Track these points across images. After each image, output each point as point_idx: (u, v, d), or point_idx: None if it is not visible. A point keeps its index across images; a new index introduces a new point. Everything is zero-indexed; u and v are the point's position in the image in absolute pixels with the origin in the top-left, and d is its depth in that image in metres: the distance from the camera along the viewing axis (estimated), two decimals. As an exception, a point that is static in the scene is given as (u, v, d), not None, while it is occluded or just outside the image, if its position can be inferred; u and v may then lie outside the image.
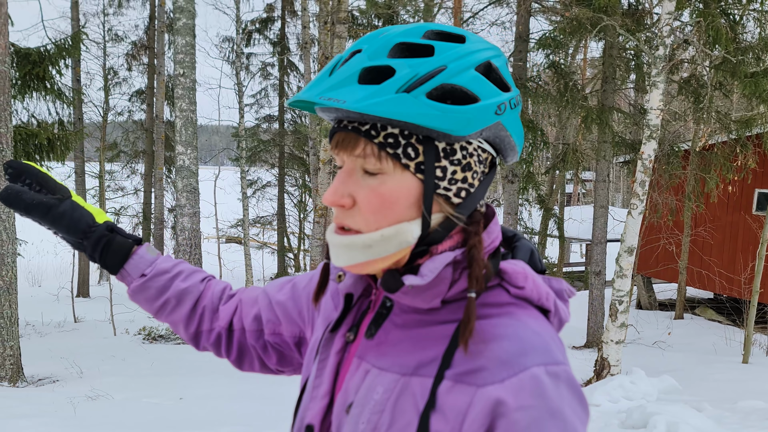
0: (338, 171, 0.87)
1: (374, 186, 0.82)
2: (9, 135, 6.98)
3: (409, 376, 0.83)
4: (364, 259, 0.84)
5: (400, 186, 0.83)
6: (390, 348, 0.87)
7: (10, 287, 7.01)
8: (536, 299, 0.85)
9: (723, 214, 11.70)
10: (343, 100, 0.78)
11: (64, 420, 5.49)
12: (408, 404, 0.81)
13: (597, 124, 9.25)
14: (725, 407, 6.04)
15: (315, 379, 0.94)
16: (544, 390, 0.75)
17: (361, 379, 0.87)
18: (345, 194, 0.83)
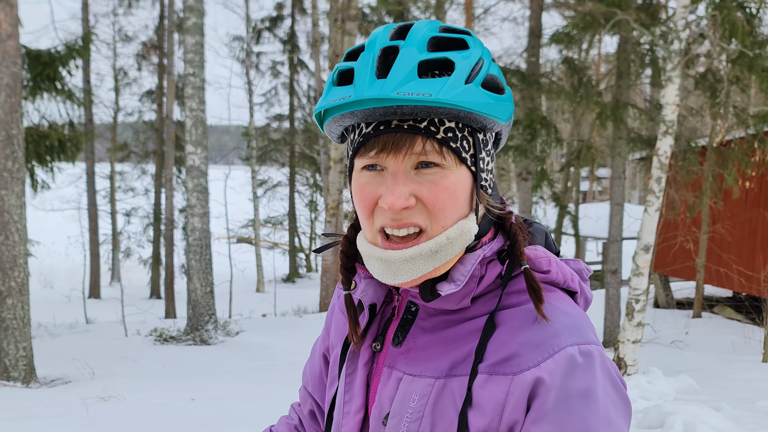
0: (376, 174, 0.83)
1: (436, 180, 0.81)
2: (21, 136, 6.96)
3: (444, 378, 0.83)
4: (429, 269, 0.82)
5: (459, 179, 0.82)
6: (420, 353, 0.86)
7: (22, 288, 6.99)
8: (562, 282, 0.87)
9: (741, 211, 11.53)
10: (428, 93, 0.76)
11: (77, 420, 5.47)
12: (447, 407, 0.81)
13: (612, 120, 9.13)
14: (744, 407, 5.94)
15: (345, 395, 0.92)
16: (576, 369, 0.76)
17: (394, 389, 0.86)
18: (407, 195, 0.81)
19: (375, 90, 0.77)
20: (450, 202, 0.81)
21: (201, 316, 9.80)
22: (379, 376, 0.89)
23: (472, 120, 0.82)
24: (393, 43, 0.81)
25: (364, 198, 0.83)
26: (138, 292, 18.60)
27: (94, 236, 18.42)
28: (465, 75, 0.79)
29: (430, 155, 0.80)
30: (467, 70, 0.80)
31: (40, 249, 16.99)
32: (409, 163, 0.81)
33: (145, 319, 12.73)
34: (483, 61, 0.82)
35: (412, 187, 0.81)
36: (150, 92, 19.83)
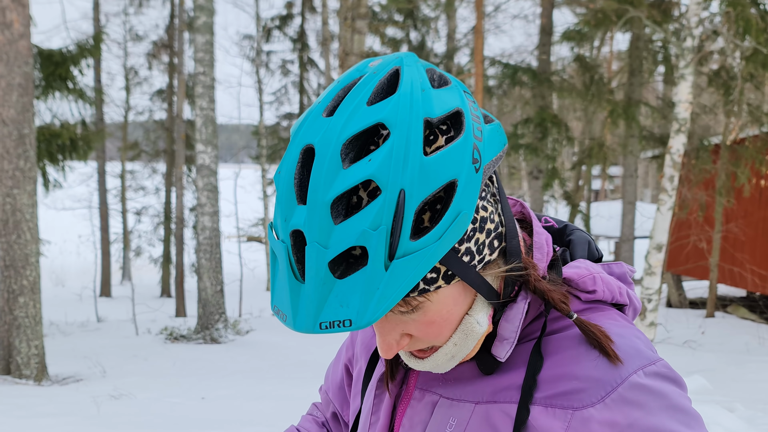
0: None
1: (417, 319, 0.72)
2: (32, 135, 6.99)
3: (485, 403, 0.77)
4: (455, 363, 0.78)
5: (442, 303, 0.72)
6: (458, 375, 0.81)
7: (33, 287, 7.03)
8: (610, 299, 0.80)
9: (755, 210, 11.42)
10: (348, 320, 0.64)
11: (88, 419, 5.49)
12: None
13: (623, 118, 9.07)
14: (758, 408, 5.87)
15: (372, 415, 0.87)
16: (650, 394, 0.70)
17: (428, 412, 0.81)
18: (397, 340, 0.74)
19: (300, 324, 0.65)
20: (442, 329, 0.74)
21: (211, 315, 9.82)
22: (408, 398, 0.85)
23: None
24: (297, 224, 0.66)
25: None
26: (148, 291, 18.69)
27: (105, 235, 18.52)
28: (383, 255, 0.63)
29: (396, 309, 0.72)
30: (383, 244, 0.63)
31: (51, 248, 17.11)
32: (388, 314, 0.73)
33: (155, 317, 12.78)
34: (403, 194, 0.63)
35: (399, 329, 0.74)
36: (160, 91, 19.90)
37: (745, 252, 11.52)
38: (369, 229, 0.62)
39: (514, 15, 18.45)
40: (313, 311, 0.65)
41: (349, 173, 0.63)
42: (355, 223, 0.63)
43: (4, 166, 6.83)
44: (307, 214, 0.64)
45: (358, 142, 0.65)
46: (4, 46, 6.74)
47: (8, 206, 6.86)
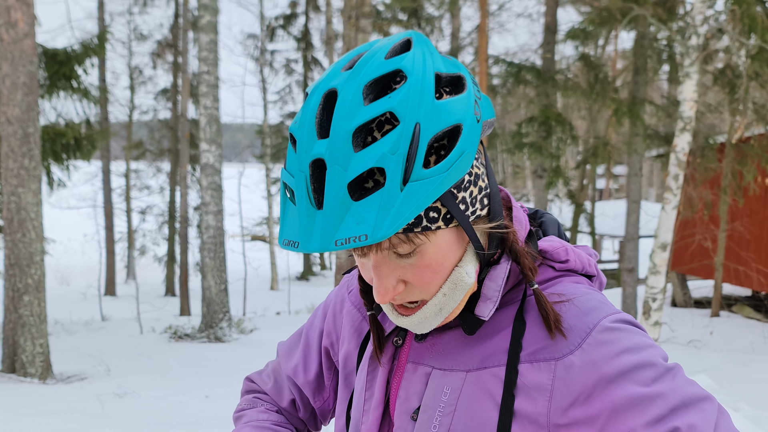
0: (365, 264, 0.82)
1: (415, 262, 0.79)
2: (37, 135, 7.01)
3: (476, 371, 0.83)
4: (441, 321, 0.83)
5: (438, 246, 0.79)
6: (446, 347, 0.87)
7: (38, 285, 7.05)
8: (581, 268, 0.89)
9: (761, 209, 11.37)
10: (364, 235, 0.70)
11: (92, 417, 5.51)
12: (481, 399, 0.82)
13: (628, 117, 9.04)
14: (763, 407, 5.85)
15: (366, 392, 0.91)
16: (620, 334, 0.78)
17: (422, 383, 0.86)
18: (394, 285, 0.80)
19: (315, 243, 0.71)
20: (436, 274, 0.80)
21: (215, 314, 9.84)
22: (401, 372, 0.90)
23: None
24: (318, 153, 0.72)
25: (366, 277, 0.84)
26: (153, 290, 18.73)
27: (109, 234, 18.56)
28: (399, 178, 0.70)
29: (399, 247, 0.77)
30: (400, 167, 0.70)
31: (56, 246, 17.16)
32: (386, 253, 0.79)
33: (159, 316, 12.80)
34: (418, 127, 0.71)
35: (396, 274, 0.79)
36: (165, 90, 19.93)
37: (750, 251, 11.47)
38: (388, 153, 0.70)
39: (518, 13, 18.42)
40: (329, 231, 0.71)
41: (371, 107, 0.72)
42: (375, 148, 0.70)
43: (8, 165, 6.85)
44: (329, 144, 0.72)
45: (377, 87, 0.73)
46: (9, 46, 6.76)
47: (13, 205, 6.88)
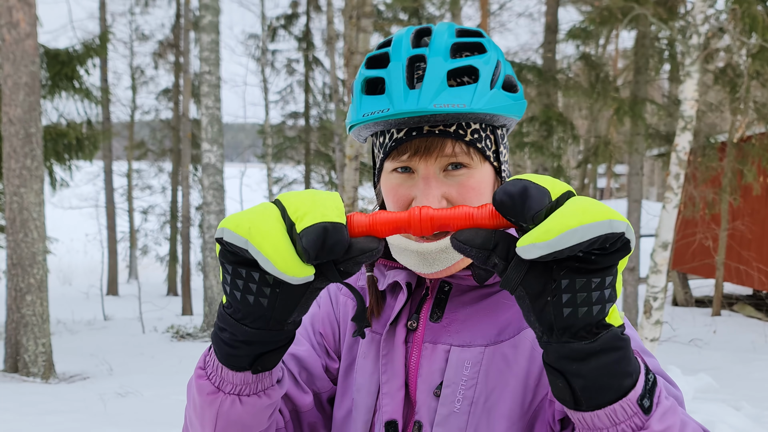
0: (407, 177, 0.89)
1: (463, 181, 0.88)
2: (39, 135, 7.03)
3: (493, 345, 0.89)
4: (459, 258, 0.88)
5: (484, 176, 0.89)
6: (461, 325, 0.92)
7: (41, 285, 7.07)
8: None
9: (762, 208, 11.36)
10: (462, 104, 0.82)
11: (95, 416, 5.52)
12: (502, 370, 0.87)
13: (629, 116, 9.03)
14: (764, 406, 5.87)
15: (383, 375, 0.93)
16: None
17: (443, 360, 0.90)
18: (439, 198, 0.86)
19: (412, 103, 0.82)
20: (476, 200, 0.88)
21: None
22: (417, 353, 0.93)
23: (495, 120, 0.89)
24: (418, 51, 0.87)
25: (398, 199, 0.89)
26: (155, 289, 18.75)
27: (111, 234, 18.59)
28: (489, 80, 0.85)
29: (460, 157, 0.87)
30: (490, 75, 0.85)
31: (58, 246, 17.17)
32: (438, 166, 0.87)
33: (162, 316, 12.82)
34: (500, 64, 0.88)
35: (442, 189, 0.87)
36: (166, 90, 19.94)
37: (751, 250, 11.46)
38: (481, 62, 0.86)
39: (519, 13, 18.44)
40: (427, 98, 0.82)
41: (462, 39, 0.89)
42: (469, 59, 0.86)
43: (11, 165, 6.87)
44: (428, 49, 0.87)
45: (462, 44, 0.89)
46: (11, 46, 6.77)
47: (15, 205, 6.90)
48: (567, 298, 0.66)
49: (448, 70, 0.84)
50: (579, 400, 0.70)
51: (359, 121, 0.87)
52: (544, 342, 0.70)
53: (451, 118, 0.84)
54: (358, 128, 0.92)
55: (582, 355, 0.67)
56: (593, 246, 0.63)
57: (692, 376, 6.52)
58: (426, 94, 0.82)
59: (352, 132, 0.95)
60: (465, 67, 0.85)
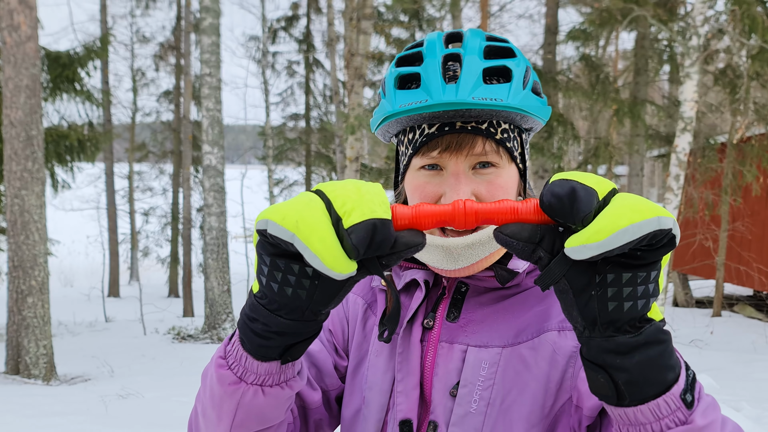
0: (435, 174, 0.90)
1: (491, 180, 0.89)
2: (40, 137, 7.04)
3: (510, 346, 0.89)
4: (486, 254, 0.89)
5: (510, 176, 0.91)
6: (479, 326, 0.91)
7: (42, 287, 7.08)
8: None
9: (762, 209, 11.36)
10: (500, 99, 0.84)
11: (96, 418, 5.53)
12: (519, 371, 0.87)
13: (629, 117, 9.05)
14: (764, 407, 5.85)
15: (398, 373, 0.92)
16: None
17: (460, 360, 0.90)
18: (469, 194, 0.87)
19: (450, 95, 0.83)
20: (502, 196, 0.88)
21: (218, 315, 9.87)
22: (433, 353, 0.92)
23: (524, 122, 0.90)
24: (453, 50, 0.89)
25: (425, 196, 0.89)
26: (156, 291, 18.76)
27: (113, 235, 18.61)
28: (521, 81, 0.87)
29: (489, 155, 0.88)
30: (521, 76, 0.88)
31: (60, 248, 17.19)
32: (468, 163, 0.88)
33: (163, 317, 12.84)
34: (529, 69, 0.91)
35: (471, 187, 0.88)
36: (167, 93, 19.97)
37: (751, 251, 11.46)
38: (513, 64, 0.88)
39: (519, 15, 18.45)
40: (466, 91, 0.84)
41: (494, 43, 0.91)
42: (503, 60, 0.88)
43: (12, 168, 6.89)
44: (464, 48, 0.89)
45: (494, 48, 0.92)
46: (12, 49, 6.79)
47: (16, 207, 6.91)
48: (612, 293, 0.65)
49: (484, 68, 0.86)
50: (622, 395, 0.69)
51: (396, 112, 0.87)
52: (586, 337, 0.69)
53: (485, 114, 0.86)
54: (386, 125, 0.92)
55: (627, 348, 0.67)
56: (642, 243, 0.63)
57: (693, 377, 6.51)
58: (464, 87, 0.83)
59: (379, 129, 0.95)
60: (499, 67, 0.87)
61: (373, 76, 14.75)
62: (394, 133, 0.96)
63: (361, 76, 9.80)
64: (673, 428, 0.69)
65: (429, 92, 0.84)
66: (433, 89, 0.84)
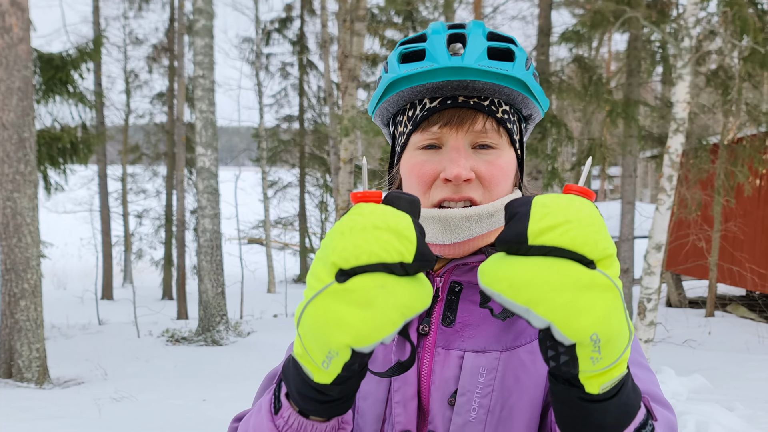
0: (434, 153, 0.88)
1: (491, 160, 0.88)
2: (33, 139, 7.02)
3: (509, 350, 0.85)
4: (483, 231, 0.87)
5: (510, 160, 0.90)
6: (475, 330, 0.87)
7: (35, 290, 7.05)
8: None
9: (754, 209, 11.42)
10: (505, 69, 0.84)
11: (89, 421, 5.51)
12: (519, 377, 0.84)
13: (622, 118, 9.07)
14: (758, 406, 5.88)
15: (393, 383, 0.87)
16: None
17: (457, 367, 0.85)
18: (468, 169, 0.86)
19: (456, 61, 0.84)
20: (503, 180, 0.88)
21: (212, 317, 9.84)
22: (429, 360, 0.87)
23: (525, 106, 0.91)
24: (458, 31, 0.90)
25: (423, 173, 0.88)
26: (150, 293, 18.71)
27: (106, 238, 18.54)
28: (524, 63, 0.87)
29: (490, 134, 0.88)
30: (524, 60, 0.88)
31: (53, 251, 17.12)
32: (468, 140, 0.87)
33: (157, 320, 12.79)
34: (530, 59, 0.91)
35: (472, 162, 0.87)
36: (161, 94, 19.93)
37: (744, 251, 11.52)
38: (516, 49, 0.88)
39: (512, 16, 18.53)
40: (474, 59, 0.84)
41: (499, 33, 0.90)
42: (506, 44, 0.88)
43: (4, 170, 6.86)
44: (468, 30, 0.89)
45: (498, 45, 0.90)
46: (4, 50, 6.77)
47: (9, 210, 6.88)
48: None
49: (488, 47, 0.87)
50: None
51: (401, 77, 0.86)
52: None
53: (488, 90, 0.86)
54: (386, 102, 0.91)
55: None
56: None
57: (686, 377, 6.54)
58: (470, 56, 0.84)
59: (378, 108, 0.93)
60: (502, 48, 0.88)
61: (366, 77, 14.76)
62: (393, 111, 0.94)
63: (355, 78, 9.80)
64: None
65: (435, 59, 0.85)
66: (439, 56, 0.85)
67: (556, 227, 0.58)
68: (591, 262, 0.59)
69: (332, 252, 0.61)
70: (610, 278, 0.59)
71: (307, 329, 0.63)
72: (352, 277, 0.60)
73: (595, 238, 0.59)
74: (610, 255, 0.60)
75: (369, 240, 0.60)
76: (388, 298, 0.60)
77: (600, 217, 0.61)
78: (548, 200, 0.61)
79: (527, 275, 0.59)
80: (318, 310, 0.61)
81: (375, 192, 0.66)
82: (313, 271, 0.63)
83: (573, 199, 0.61)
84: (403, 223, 0.61)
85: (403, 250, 0.60)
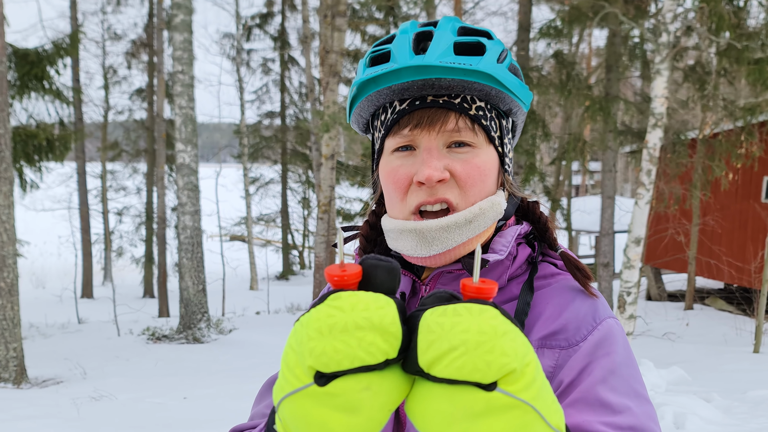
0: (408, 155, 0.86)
1: (467, 158, 0.84)
2: (8, 136, 6.91)
3: None
4: (463, 239, 0.84)
5: (488, 158, 0.86)
6: None
7: (11, 289, 6.95)
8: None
9: (731, 203, 11.58)
10: (469, 64, 0.81)
11: (68, 421, 5.45)
12: None
13: (601, 113, 9.14)
14: (734, 397, 5.97)
15: None
16: (617, 337, 0.83)
17: None
18: (441, 169, 0.83)
19: (417, 59, 0.82)
20: (480, 179, 0.85)
21: (193, 315, 9.78)
22: None
23: (501, 101, 0.87)
24: (426, 29, 0.87)
25: (398, 179, 0.86)
26: (131, 292, 18.54)
27: (86, 236, 18.33)
28: (495, 57, 0.84)
29: (463, 132, 0.84)
30: (496, 53, 0.85)
31: (31, 249, 16.91)
32: (441, 141, 0.84)
33: (137, 318, 12.68)
34: (507, 51, 0.89)
35: (445, 162, 0.84)
36: (140, 90, 19.72)
37: (722, 245, 11.68)
38: (487, 40, 0.85)
39: (493, 11, 18.56)
40: (435, 56, 0.82)
41: (473, 27, 0.88)
42: (477, 38, 0.85)
43: (-21, 168, 6.75)
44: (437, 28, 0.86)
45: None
46: (-22, 46, 6.65)
47: (-16, 208, 6.78)
48: None
49: (454, 42, 0.84)
50: None
51: (363, 80, 0.85)
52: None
53: (456, 87, 0.83)
54: (359, 107, 0.89)
55: None
56: None
57: (665, 369, 6.62)
58: (432, 53, 0.82)
59: (353, 114, 0.92)
60: (472, 42, 0.84)
61: (348, 73, 14.72)
62: (366, 117, 0.92)
63: (336, 74, 9.77)
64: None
65: (396, 59, 0.83)
66: (400, 57, 0.83)
67: (441, 358, 0.54)
68: (491, 384, 0.55)
69: (309, 354, 0.56)
70: (513, 395, 0.55)
71: (290, 424, 0.59)
72: (333, 380, 0.56)
73: (486, 359, 0.54)
74: (511, 371, 0.54)
75: (351, 344, 0.55)
76: (375, 400, 0.56)
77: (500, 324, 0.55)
78: (433, 321, 0.56)
79: (425, 405, 0.57)
80: (298, 411, 0.57)
81: (353, 272, 0.59)
82: (288, 362, 0.59)
83: (461, 314, 0.56)
84: (388, 318, 0.56)
85: (388, 349, 0.56)
